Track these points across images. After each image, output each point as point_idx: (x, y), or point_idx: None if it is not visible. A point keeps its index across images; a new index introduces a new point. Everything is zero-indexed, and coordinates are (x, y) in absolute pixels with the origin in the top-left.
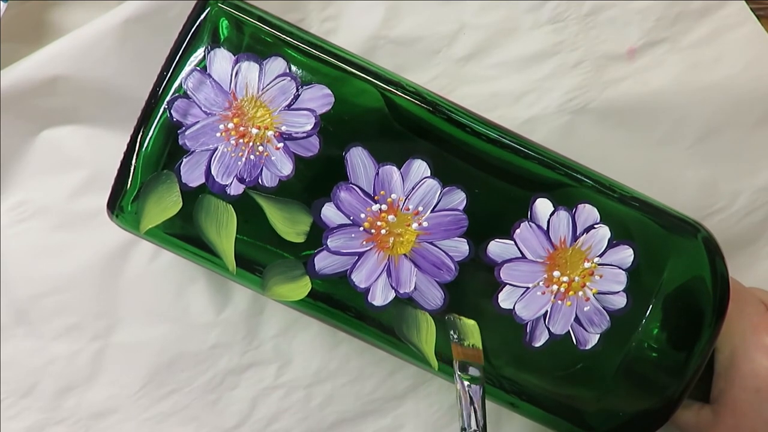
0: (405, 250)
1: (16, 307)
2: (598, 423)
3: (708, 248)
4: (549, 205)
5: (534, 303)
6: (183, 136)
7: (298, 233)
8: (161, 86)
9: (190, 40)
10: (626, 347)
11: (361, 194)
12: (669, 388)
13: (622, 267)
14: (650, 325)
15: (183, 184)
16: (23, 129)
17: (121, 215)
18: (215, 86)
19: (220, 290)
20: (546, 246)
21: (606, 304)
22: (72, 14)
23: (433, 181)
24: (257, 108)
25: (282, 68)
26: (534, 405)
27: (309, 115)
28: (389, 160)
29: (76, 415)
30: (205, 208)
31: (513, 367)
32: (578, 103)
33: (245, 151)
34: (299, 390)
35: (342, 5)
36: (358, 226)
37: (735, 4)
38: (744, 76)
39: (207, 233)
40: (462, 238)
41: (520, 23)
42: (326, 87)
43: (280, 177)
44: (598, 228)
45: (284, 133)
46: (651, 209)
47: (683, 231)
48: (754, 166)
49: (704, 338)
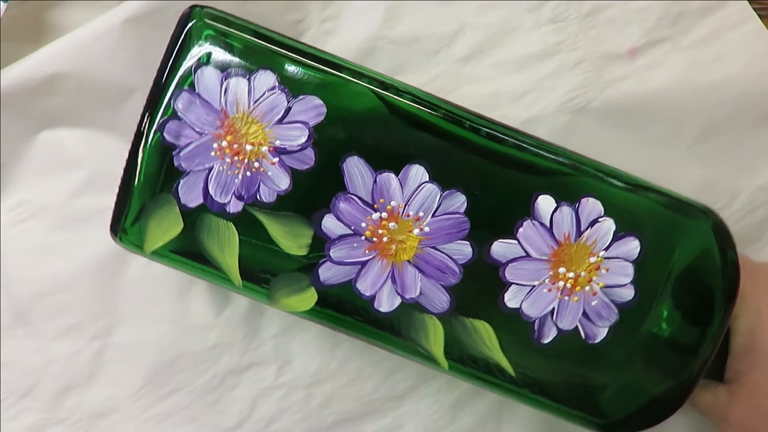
0: (408, 256)
1: (16, 307)
2: (614, 411)
3: (714, 228)
4: (551, 201)
5: (541, 301)
6: (178, 157)
7: (300, 246)
8: (151, 109)
9: (176, 58)
10: (636, 336)
11: (361, 203)
12: (683, 372)
13: (628, 259)
14: (661, 312)
15: (182, 205)
16: (23, 129)
17: (125, 237)
18: (205, 105)
19: (220, 291)
20: (550, 243)
21: (614, 297)
22: (72, 14)
23: (432, 186)
24: (249, 124)
25: (271, 82)
26: (547, 398)
27: (302, 127)
28: (386, 167)
29: (76, 415)
30: (206, 227)
31: (523, 362)
32: (579, 102)
33: (241, 168)
34: (299, 390)
35: (342, 5)
36: (359, 235)
37: (736, 4)
38: (745, 75)
39: (210, 251)
40: (465, 241)
41: (520, 23)
42: (317, 98)
43: (278, 192)
44: (603, 221)
45: (279, 148)
46: (655, 193)
47: (688, 213)
48: (755, 165)
49: (717, 318)
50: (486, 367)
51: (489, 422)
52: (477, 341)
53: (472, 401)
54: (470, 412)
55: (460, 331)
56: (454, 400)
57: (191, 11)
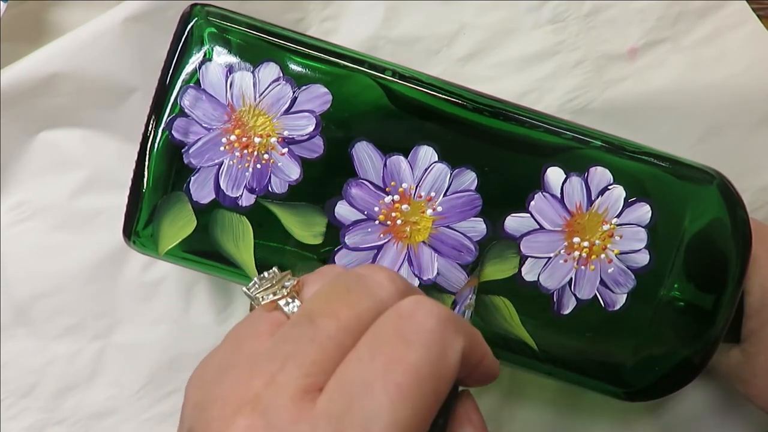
0: (423, 237)
1: (16, 307)
2: (636, 379)
3: (724, 192)
4: (560, 173)
5: (558, 272)
6: (187, 154)
7: (315, 235)
8: (158, 108)
9: (179, 57)
10: (655, 302)
11: (372, 188)
12: (702, 337)
13: (641, 224)
14: (676, 277)
15: (194, 203)
16: (23, 129)
17: (138, 241)
18: (211, 101)
19: (220, 291)
20: (562, 214)
21: (629, 263)
22: (72, 14)
23: (442, 165)
24: (256, 116)
25: (275, 73)
26: (570, 370)
27: (309, 116)
28: (395, 150)
29: (76, 415)
30: (220, 222)
31: (545, 336)
32: (579, 103)
33: (251, 161)
34: None
35: (342, 5)
36: (373, 220)
37: (736, 4)
38: (745, 75)
39: (225, 247)
40: (478, 218)
41: (521, 23)
42: (322, 85)
43: (289, 182)
44: (612, 189)
45: (287, 138)
46: (663, 160)
47: (697, 178)
48: (756, 166)
49: (731, 281)
50: (508, 344)
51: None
52: (498, 318)
53: None
54: None
55: (480, 308)
56: None
57: (192, 9)
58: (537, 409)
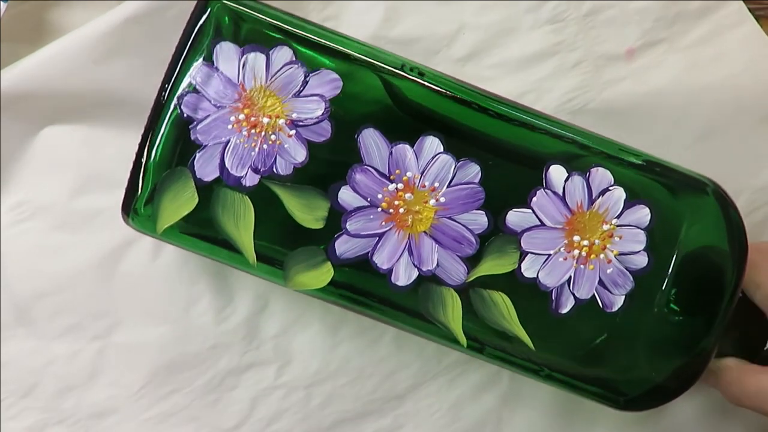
0: (424, 227)
1: (16, 307)
2: (630, 388)
3: (720, 201)
4: (563, 171)
5: (557, 269)
6: (195, 131)
7: (317, 219)
8: (170, 84)
9: (195, 37)
10: (652, 307)
11: (377, 175)
12: (697, 345)
13: (640, 226)
14: (674, 282)
15: (198, 179)
16: (23, 129)
17: (136, 218)
18: (224, 79)
19: (220, 290)
20: (564, 212)
21: (628, 264)
22: (72, 14)
23: (447, 156)
24: (267, 97)
25: (289, 57)
26: (564, 375)
27: (318, 100)
28: (401, 138)
29: (76, 415)
30: (222, 201)
31: (541, 334)
32: (577, 103)
33: (258, 141)
34: (299, 390)
35: (342, 5)
36: (375, 207)
37: (733, 4)
38: (743, 76)
39: (225, 227)
40: (480, 211)
41: (520, 23)
42: (333, 72)
43: (295, 164)
44: (613, 190)
45: (295, 121)
46: (660, 171)
47: (693, 189)
48: (754, 166)
49: (728, 288)
50: (505, 342)
51: (489, 423)
52: (495, 313)
53: (472, 401)
54: (470, 412)
55: (479, 303)
56: (454, 400)
57: None
58: (537, 409)
